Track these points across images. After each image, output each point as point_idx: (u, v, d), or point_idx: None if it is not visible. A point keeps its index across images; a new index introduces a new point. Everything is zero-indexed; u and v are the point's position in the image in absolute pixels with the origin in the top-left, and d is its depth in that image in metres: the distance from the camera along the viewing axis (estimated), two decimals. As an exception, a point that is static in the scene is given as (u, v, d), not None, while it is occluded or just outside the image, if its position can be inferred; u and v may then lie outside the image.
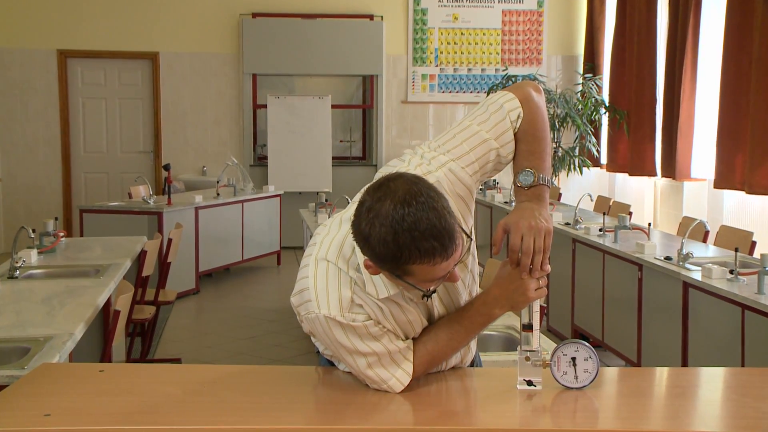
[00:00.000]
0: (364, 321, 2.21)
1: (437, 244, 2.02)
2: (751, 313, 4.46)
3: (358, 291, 2.21)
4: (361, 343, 2.22)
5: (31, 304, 4.18)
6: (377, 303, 2.22)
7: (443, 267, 2.06)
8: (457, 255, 2.08)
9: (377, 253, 2.05)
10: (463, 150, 2.34)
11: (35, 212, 11.31)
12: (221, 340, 7.25)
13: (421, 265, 2.04)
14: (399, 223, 2.01)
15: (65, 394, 2.26)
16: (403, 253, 2.02)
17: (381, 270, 2.11)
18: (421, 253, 2.02)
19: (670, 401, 2.33)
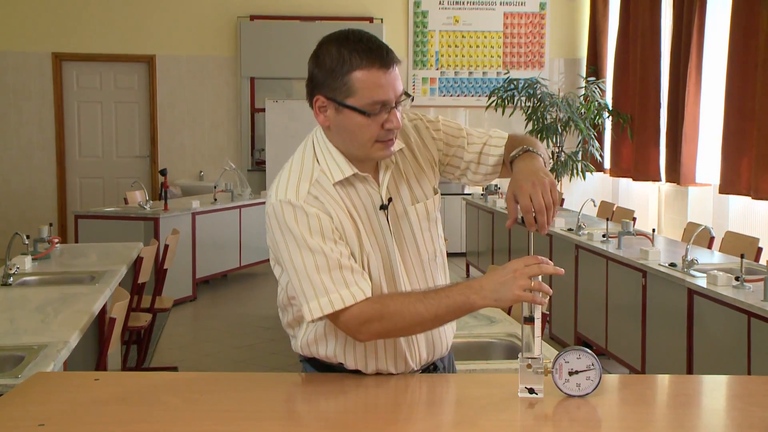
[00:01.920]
0: (318, 212, 2.26)
1: (377, 52, 2.21)
2: (758, 321, 4.43)
3: (318, 187, 2.29)
4: (311, 237, 2.24)
5: (25, 311, 4.16)
6: (334, 207, 2.28)
7: (386, 83, 2.21)
8: (400, 83, 2.25)
9: (325, 68, 2.26)
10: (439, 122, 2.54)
11: (29, 218, 11.30)
12: (218, 347, 7.23)
13: (361, 71, 2.20)
14: (343, 36, 2.28)
15: (60, 403, 2.24)
16: (346, 58, 2.21)
17: (327, 98, 2.28)
18: (361, 56, 2.20)
19: (674, 410, 2.31)
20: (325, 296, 2.23)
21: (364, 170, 2.35)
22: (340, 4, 11.88)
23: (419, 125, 2.49)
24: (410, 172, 2.44)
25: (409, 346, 2.42)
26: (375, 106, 2.23)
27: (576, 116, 10.49)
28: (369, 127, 2.25)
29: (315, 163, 2.36)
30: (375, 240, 2.35)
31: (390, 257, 2.37)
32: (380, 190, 2.37)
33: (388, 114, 2.25)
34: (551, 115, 10.74)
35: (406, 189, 2.42)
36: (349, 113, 2.25)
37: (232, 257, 9.73)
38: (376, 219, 2.36)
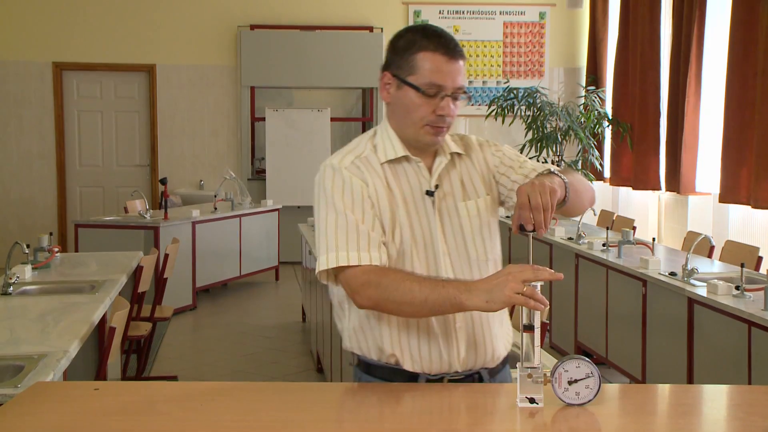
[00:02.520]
0: (354, 178, 2.42)
1: (444, 41, 2.40)
2: (758, 330, 4.43)
3: (364, 160, 2.47)
4: (340, 199, 2.41)
5: (25, 321, 4.16)
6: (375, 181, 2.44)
7: (447, 70, 2.38)
8: (461, 78, 2.41)
9: (395, 47, 2.46)
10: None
11: (29, 227, 11.29)
12: (218, 357, 7.22)
13: (426, 53, 2.38)
14: (420, 26, 2.47)
15: (59, 413, 2.23)
16: (416, 40, 2.41)
17: (392, 74, 2.45)
18: (428, 40, 2.39)
19: (674, 419, 2.30)
20: (335, 252, 2.36)
21: (419, 157, 2.50)
22: (340, 13, 11.90)
23: (483, 144, 2.64)
24: (465, 174, 2.56)
25: (449, 339, 2.46)
26: (432, 87, 2.39)
27: (576, 125, 10.49)
28: (422, 108, 2.41)
29: (368, 144, 2.52)
30: (418, 222, 2.46)
31: (433, 243, 2.46)
32: (431, 177, 2.50)
33: (442, 100, 2.40)
34: (551, 124, 10.73)
35: (459, 186, 2.54)
36: (408, 90, 2.42)
37: (232, 266, 9.72)
38: (421, 203, 2.48)
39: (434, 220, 2.47)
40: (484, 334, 2.50)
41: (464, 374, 2.51)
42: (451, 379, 2.50)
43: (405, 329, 2.45)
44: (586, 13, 12.05)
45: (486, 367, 2.54)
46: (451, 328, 2.45)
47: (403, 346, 2.46)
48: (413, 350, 2.46)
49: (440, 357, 2.47)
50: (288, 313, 8.76)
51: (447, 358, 2.47)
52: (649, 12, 9.93)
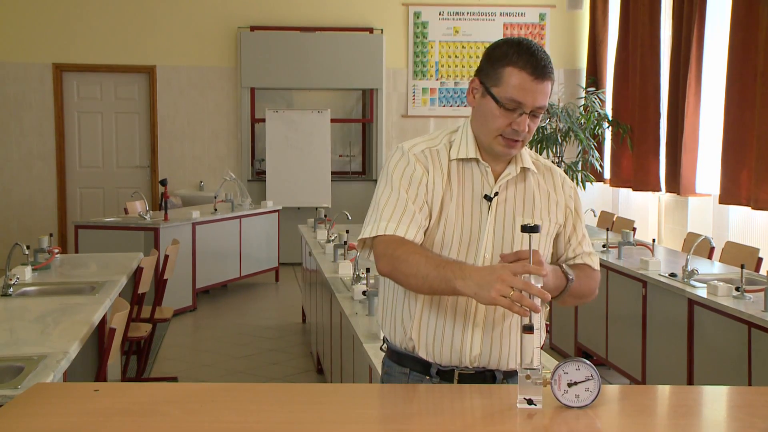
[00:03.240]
0: (418, 164, 2.54)
1: (534, 60, 2.42)
2: (758, 331, 4.44)
3: (434, 152, 2.57)
4: (399, 178, 2.53)
5: (24, 322, 4.17)
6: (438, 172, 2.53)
7: (530, 89, 2.42)
8: (543, 98, 2.45)
9: (489, 56, 2.50)
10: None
11: (29, 228, 11.29)
12: (218, 358, 7.22)
13: (514, 69, 2.42)
14: (517, 41, 2.49)
15: (59, 414, 2.22)
16: (508, 53, 2.44)
17: (480, 81, 2.50)
18: (519, 56, 2.42)
19: (674, 420, 2.29)
20: (376, 224, 2.51)
21: (489, 162, 2.57)
22: (340, 15, 11.90)
23: (567, 183, 2.70)
24: (531, 192, 2.61)
25: (464, 333, 2.52)
26: (512, 103, 2.44)
27: (576, 126, 10.50)
28: (499, 119, 2.47)
29: (445, 138, 2.62)
30: (469, 222, 2.53)
31: (477, 246, 2.52)
32: (495, 183, 2.56)
33: (520, 116, 2.45)
34: (551, 126, 10.74)
35: (521, 200, 2.59)
36: (489, 100, 2.48)
37: (232, 267, 9.72)
38: (478, 206, 2.54)
39: (485, 224, 2.53)
40: (502, 337, 2.54)
41: (475, 370, 2.56)
42: (462, 373, 2.55)
43: (426, 314, 2.53)
44: (586, 14, 12.05)
45: (501, 370, 2.58)
46: (469, 323, 2.52)
47: (421, 330, 2.55)
48: (429, 337, 2.54)
49: (452, 348, 2.53)
50: (288, 314, 8.77)
51: (459, 351, 2.53)
52: (649, 13, 9.94)
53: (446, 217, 2.51)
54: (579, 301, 2.67)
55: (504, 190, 2.56)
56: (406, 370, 2.60)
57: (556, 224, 2.62)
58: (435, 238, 2.51)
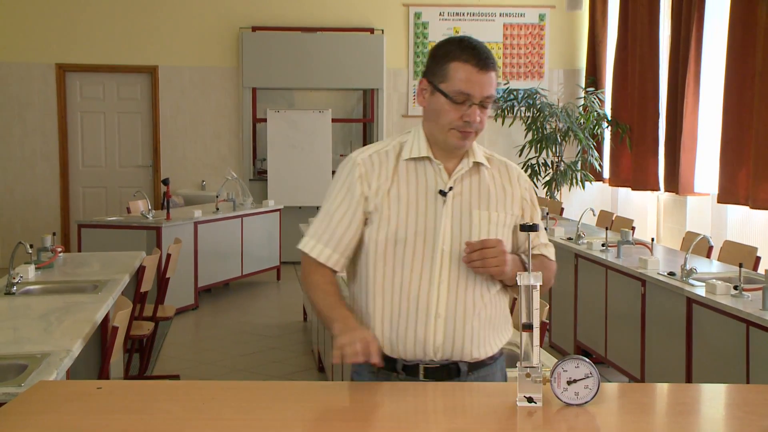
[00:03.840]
0: (357, 177, 2.64)
1: (477, 53, 2.55)
2: (756, 330, 4.44)
3: (381, 154, 2.68)
4: (338, 191, 2.68)
5: (28, 320, 4.16)
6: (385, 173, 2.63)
7: (476, 80, 2.53)
8: (490, 88, 2.56)
9: (433, 56, 2.62)
10: None
11: (33, 227, 11.30)
12: (220, 356, 7.23)
13: (458, 63, 2.54)
14: (458, 38, 2.61)
15: (63, 412, 2.25)
16: (450, 49, 2.57)
17: (428, 81, 2.61)
18: (462, 51, 2.55)
19: (673, 418, 2.32)
20: (305, 238, 2.71)
21: (441, 159, 2.66)
22: (341, 15, 11.91)
23: (522, 178, 2.79)
24: (485, 186, 2.70)
25: (427, 326, 2.59)
26: (460, 95, 2.55)
27: (575, 126, 10.53)
28: (449, 114, 2.57)
29: (395, 141, 2.72)
30: (424, 218, 2.61)
31: (434, 240, 2.60)
32: (449, 179, 2.64)
33: (469, 108, 2.56)
34: (551, 125, 10.78)
35: (477, 194, 2.67)
36: (439, 96, 2.59)
37: (234, 266, 9.74)
38: (433, 202, 2.62)
39: (441, 219, 2.60)
40: (464, 329, 2.60)
41: (440, 363, 2.61)
42: (427, 367, 2.60)
43: (388, 311, 2.61)
44: (585, 15, 12.06)
45: (464, 361, 2.63)
46: (431, 316, 2.58)
47: (384, 327, 2.62)
48: (392, 332, 2.61)
49: (415, 341, 2.59)
50: (289, 312, 8.77)
51: (422, 343, 2.58)
52: (648, 14, 9.95)
53: (398, 215, 2.61)
54: None
55: (459, 183, 2.65)
56: (374, 369, 2.63)
57: (512, 216, 2.70)
58: (389, 234, 2.60)
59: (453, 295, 2.59)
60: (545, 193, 10.94)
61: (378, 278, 2.62)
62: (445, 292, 2.59)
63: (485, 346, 2.65)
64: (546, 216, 8.31)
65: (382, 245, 2.61)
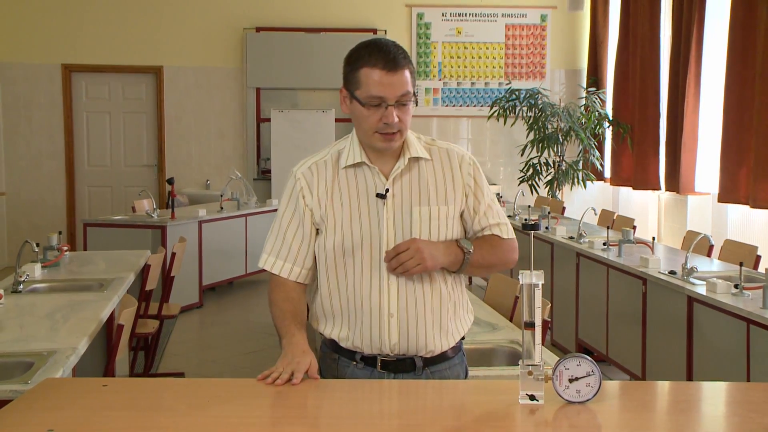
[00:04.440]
0: (300, 190, 2.69)
1: (384, 55, 2.53)
2: (756, 328, 4.44)
3: (320, 165, 2.72)
4: (286, 206, 2.74)
5: (34, 318, 4.17)
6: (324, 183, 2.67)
7: (387, 82, 2.53)
8: (403, 87, 2.55)
9: (346, 62, 2.62)
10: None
11: (39, 226, 11.32)
12: (225, 354, 7.26)
13: (366, 69, 2.54)
14: (369, 41, 2.61)
15: (69, 408, 2.26)
16: (360, 56, 2.57)
17: (346, 89, 2.63)
18: (370, 56, 2.54)
19: (674, 416, 2.33)
20: (262, 254, 2.77)
21: (377, 163, 2.68)
22: (343, 16, 11.92)
23: (464, 161, 2.75)
24: (425, 180, 2.69)
25: (381, 325, 2.65)
26: (373, 100, 2.56)
27: (577, 126, 10.54)
28: (368, 119, 2.59)
29: (333, 150, 2.75)
30: (367, 222, 2.64)
31: (380, 242, 2.63)
32: (387, 181, 2.66)
33: (386, 110, 2.56)
34: (552, 125, 10.79)
35: (417, 191, 2.68)
36: (356, 104, 2.61)
37: (238, 265, 9.77)
38: (374, 205, 2.65)
39: (383, 222, 2.64)
40: (417, 325, 2.65)
41: (396, 357, 2.66)
42: (384, 360, 2.66)
43: (346, 313, 2.69)
44: (586, 15, 12.06)
45: (419, 355, 2.67)
46: (384, 316, 2.64)
47: (343, 326, 2.70)
48: (351, 332, 2.69)
49: (371, 339, 2.65)
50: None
51: (378, 342, 2.64)
52: (649, 14, 9.96)
53: (342, 223, 2.65)
54: (489, 270, 2.87)
55: (397, 183, 2.67)
56: (335, 356, 2.75)
57: (455, 205, 2.70)
58: (336, 243, 2.65)
59: (403, 294, 2.63)
60: (547, 192, 10.96)
61: (332, 284, 2.68)
62: (395, 292, 2.62)
63: (442, 339, 2.69)
64: (548, 215, 8.34)
65: (331, 254, 2.66)
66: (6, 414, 2.22)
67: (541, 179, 10.98)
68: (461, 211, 2.72)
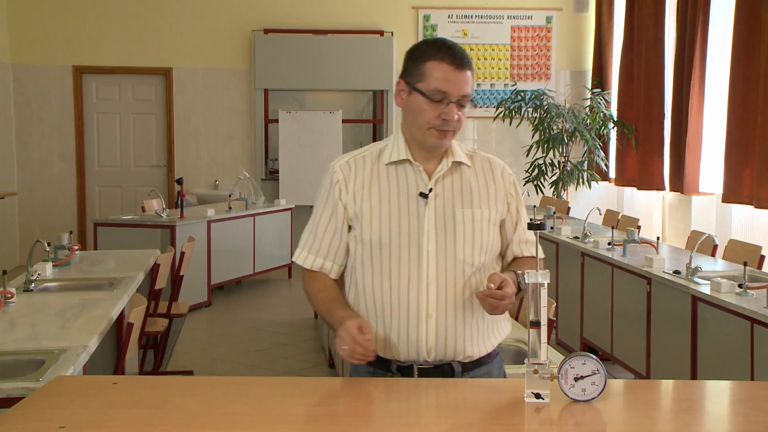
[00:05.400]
0: (336, 183, 2.68)
1: (452, 52, 2.56)
2: (760, 327, 4.45)
3: (358, 160, 2.71)
4: (322, 201, 2.72)
5: (45, 316, 4.19)
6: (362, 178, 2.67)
7: (453, 79, 2.54)
8: (467, 87, 2.56)
9: (410, 56, 2.63)
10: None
11: (50, 226, 11.37)
12: (233, 352, 7.28)
13: (434, 62, 2.55)
14: (434, 39, 2.65)
15: (79, 406, 2.28)
16: (426, 49, 2.59)
17: (405, 81, 2.62)
18: (438, 51, 2.56)
19: (678, 414, 2.33)
20: (297, 250, 2.78)
21: (421, 162, 2.67)
22: (351, 17, 11.94)
23: (506, 172, 2.77)
24: (467, 184, 2.69)
25: (419, 328, 2.59)
26: (437, 94, 2.55)
27: (582, 127, 10.56)
28: (428, 112, 2.58)
29: (375, 147, 2.75)
30: (407, 220, 2.63)
31: (419, 242, 2.61)
32: (430, 180, 2.65)
33: (447, 106, 2.56)
34: (557, 126, 10.80)
35: (459, 193, 2.67)
36: (416, 96, 2.59)
37: (246, 264, 9.81)
38: (415, 204, 2.63)
39: (425, 221, 2.61)
40: (456, 328, 2.61)
41: (434, 364, 2.61)
42: (421, 368, 2.61)
43: (380, 313, 2.63)
44: (591, 17, 12.05)
45: (458, 360, 2.63)
46: (422, 317, 2.59)
47: (377, 329, 2.63)
48: (385, 334, 2.62)
49: (408, 343, 2.60)
50: (300, 309, 8.80)
51: (415, 345, 2.59)
52: (654, 16, 9.95)
53: (380, 219, 2.62)
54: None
55: (439, 184, 2.65)
56: (371, 369, 2.65)
57: (497, 212, 2.69)
58: (372, 238, 2.62)
59: (442, 295, 2.59)
60: (552, 193, 10.98)
61: (367, 282, 2.64)
62: (434, 293, 2.58)
63: (479, 344, 2.66)
64: (553, 215, 8.37)
65: (368, 249, 2.63)
66: (18, 411, 2.23)
67: (547, 179, 10.99)
68: (502, 219, 2.72)
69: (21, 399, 2.38)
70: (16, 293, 4.60)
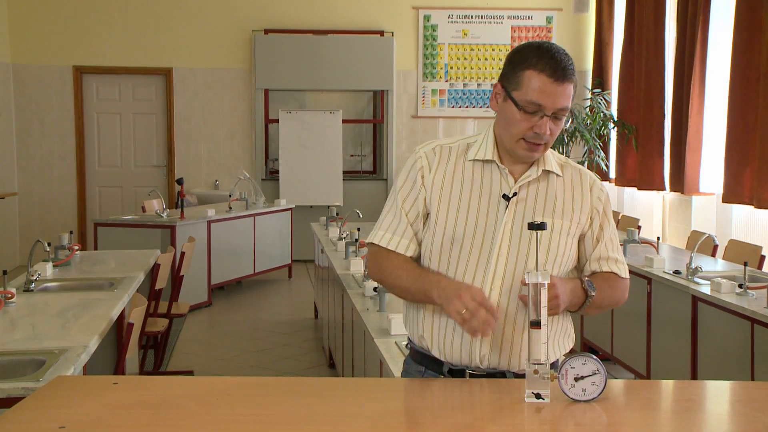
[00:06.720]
0: (419, 169, 2.58)
1: (554, 63, 2.42)
2: (761, 327, 4.47)
3: (445, 149, 2.60)
4: (403, 182, 2.61)
5: (46, 316, 4.20)
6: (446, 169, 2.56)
7: (550, 91, 2.41)
8: (564, 100, 2.43)
9: (510, 61, 2.50)
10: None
11: (50, 226, 11.39)
12: (233, 352, 7.28)
13: (533, 72, 2.42)
14: (538, 43, 2.50)
15: (80, 406, 2.27)
16: (527, 56, 2.44)
17: (502, 86, 2.49)
18: (539, 59, 2.42)
19: (678, 414, 2.33)
20: (375, 231, 2.64)
21: (507, 164, 2.56)
22: (351, 18, 11.95)
23: (595, 186, 2.65)
24: (553, 193, 2.58)
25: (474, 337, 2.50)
26: (531, 106, 2.43)
27: (582, 127, 10.55)
28: (520, 123, 2.46)
29: (464, 140, 2.64)
30: (484, 220, 2.52)
31: (492, 243, 2.51)
32: (515, 184, 2.54)
33: (541, 119, 2.44)
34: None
35: (542, 201, 2.56)
36: (510, 104, 2.47)
37: (247, 264, 9.81)
38: (495, 204, 2.53)
39: (502, 223, 2.51)
40: (513, 338, 2.51)
41: (486, 371, 2.54)
42: (472, 374, 2.54)
43: (438, 312, 2.53)
44: (592, 17, 12.05)
45: (512, 371, 2.55)
46: None
47: (433, 328, 2.56)
48: (440, 334, 2.55)
49: (461, 346, 2.52)
50: (301, 309, 8.82)
51: (469, 352, 2.52)
52: (654, 16, 9.95)
53: (456, 213, 2.52)
54: (602, 310, 2.67)
55: (524, 189, 2.54)
56: (421, 368, 2.60)
57: (578, 225, 2.58)
58: (446, 231, 2.52)
59: (504, 303, 2.49)
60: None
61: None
62: (496, 299, 2.49)
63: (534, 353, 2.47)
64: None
65: (438, 241, 2.54)
66: (18, 411, 2.22)
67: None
68: (583, 233, 2.62)
69: (21, 399, 2.38)
70: (17, 293, 4.60)
